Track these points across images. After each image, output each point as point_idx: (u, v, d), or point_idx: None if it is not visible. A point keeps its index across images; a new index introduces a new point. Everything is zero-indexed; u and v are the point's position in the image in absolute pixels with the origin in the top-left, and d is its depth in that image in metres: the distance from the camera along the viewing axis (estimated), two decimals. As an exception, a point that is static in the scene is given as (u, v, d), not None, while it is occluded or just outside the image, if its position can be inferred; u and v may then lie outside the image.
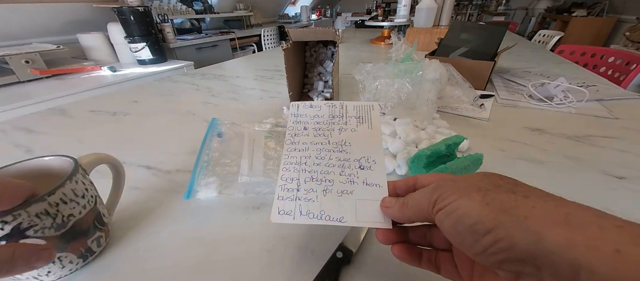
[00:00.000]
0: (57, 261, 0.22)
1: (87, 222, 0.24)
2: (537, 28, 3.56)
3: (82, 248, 0.24)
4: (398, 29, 1.46)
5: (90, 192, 0.25)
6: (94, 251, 0.26)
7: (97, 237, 0.25)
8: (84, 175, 0.25)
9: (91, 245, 0.25)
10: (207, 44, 2.32)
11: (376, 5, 2.62)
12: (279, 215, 0.22)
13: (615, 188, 0.34)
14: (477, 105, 0.53)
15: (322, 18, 4.30)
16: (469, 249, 0.15)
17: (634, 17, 2.72)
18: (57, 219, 0.21)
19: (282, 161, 0.25)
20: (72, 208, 0.23)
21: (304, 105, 0.29)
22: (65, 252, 0.23)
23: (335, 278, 0.24)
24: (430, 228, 0.21)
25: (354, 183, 0.23)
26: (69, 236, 0.23)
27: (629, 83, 1.01)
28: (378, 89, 0.47)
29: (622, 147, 0.42)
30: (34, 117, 0.62)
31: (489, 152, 0.39)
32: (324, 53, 0.68)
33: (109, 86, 1.35)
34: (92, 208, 0.25)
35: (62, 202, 0.22)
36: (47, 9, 1.56)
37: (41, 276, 0.23)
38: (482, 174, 0.17)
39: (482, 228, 0.13)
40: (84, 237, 0.24)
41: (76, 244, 0.23)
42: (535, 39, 1.83)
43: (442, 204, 0.16)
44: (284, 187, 0.23)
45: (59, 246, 0.22)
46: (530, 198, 0.14)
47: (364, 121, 0.27)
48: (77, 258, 0.24)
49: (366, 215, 0.21)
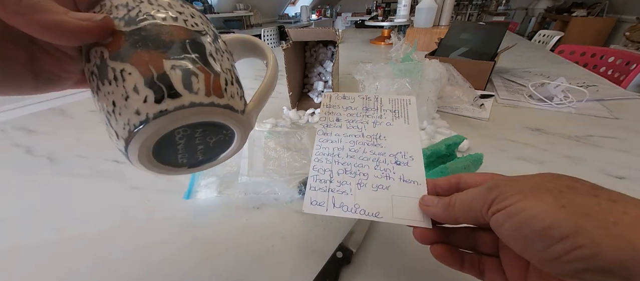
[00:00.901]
0: (120, 76, 0.13)
1: (171, 35, 0.14)
2: (537, 28, 3.56)
3: (155, 68, 0.13)
4: (398, 29, 1.46)
5: (200, 21, 0.17)
6: (177, 92, 0.13)
7: (185, 68, 0.14)
8: (216, 37, 0.17)
9: (171, 72, 0.14)
10: (207, 44, 2.32)
11: (376, 5, 2.63)
12: (311, 205, 0.21)
13: (615, 188, 0.34)
14: (477, 105, 0.53)
15: (322, 18, 4.30)
16: (535, 255, 0.13)
17: (634, 17, 2.72)
18: (131, 12, 0.14)
19: (314, 151, 0.25)
20: (157, 11, 0.15)
21: (337, 96, 0.29)
22: (128, 63, 0.13)
23: (335, 278, 0.24)
24: (474, 231, 0.20)
25: (390, 178, 0.22)
26: (137, 38, 0.14)
27: (629, 83, 1.01)
28: (378, 89, 0.47)
29: (622, 147, 0.42)
30: (34, 117, 0.62)
31: (489, 152, 0.39)
32: (324, 53, 0.68)
33: (109, 86, 1.34)
34: (184, 28, 0.15)
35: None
36: (47, 9, 1.56)
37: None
38: (549, 174, 0.15)
39: (558, 233, 0.12)
40: (160, 50, 0.14)
41: (147, 55, 0.13)
42: (535, 39, 1.83)
43: (502, 205, 0.14)
44: (316, 178, 0.23)
45: (122, 51, 0.13)
46: (618, 203, 0.12)
47: (400, 115, 0.27)
48: (145, 83, 0.13)
49: (403, 212, 0.20)
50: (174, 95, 0.13)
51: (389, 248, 0.27)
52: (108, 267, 0.26)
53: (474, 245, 0.20)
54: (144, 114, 0.13)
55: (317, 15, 4.27)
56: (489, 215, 0.15)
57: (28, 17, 0.11)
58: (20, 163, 0.43)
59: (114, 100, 0.13)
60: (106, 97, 0.14)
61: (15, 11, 0.11)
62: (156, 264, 0.26)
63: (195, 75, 0.14)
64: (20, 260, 0.27)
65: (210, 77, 0.15)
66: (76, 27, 0.12)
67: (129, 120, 0.13)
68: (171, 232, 0.30)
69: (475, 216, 0.16)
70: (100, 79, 0.14)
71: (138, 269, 0.26)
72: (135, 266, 0.26)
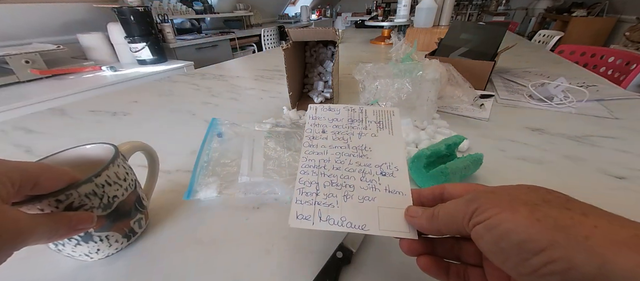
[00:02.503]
0: (105, 239, 0.25)
1: (129, 204, 0.26)
2: (537, 28, 3.56)
3: (126, 228, 0.26)
4: (398, 29, 1.46)
5: (131, 176, 0.27)
6: (136, 232, 0.28)
7: (138, 219, 0.28)
8: (124, 161, 0.27)
9: (134, 225, 0.27)
10: (207, 44, 2.32)
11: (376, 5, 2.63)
12: (297, 219, 0.21)
13: (615, 188, 0.34)
14: (477, 105, 0.53)
15: (322, 18, 4.30)
16: (513, 268, 0.14)
17: (634, 17, 2.72)
18: (103, 200, 0.23)
19: (300, 164, 0.25)
20: (116, 190, 0.24)
21: (322, 108, 0.29)
22: (111, 231, 0.25)
23: (335, 278, 0.24)
24: (459, 241, 0.20)
25: (376, 189, 0.22)
26: (114, 216, 0.25)
27: (629, 83, 1.01)
28: (378, 89, 0.47)
29: (622, 147, 0.42)
30: (34, 117, 0.62)
31: (489, 152, 0.39)
32: (324, 53, 0.68)
33: (109, 86, 1.35)
34: (133, 191, 0.27)
35: (107, 183, 0.23)
36: (47, 9, 1.56)
37: (92, 253, 0.25)
38: (526, 186, 0.15)
39: (533, 247, 0.12)
40: (127, 218, 0.26)
41: (120, 224, 0.26)
42: (535, 39, 1.83)
43: (481, 217, 0.15)
44: (302, 191, 0.22)
45: (106, 226, 0.24)
46: (590, 217, 0.13)
47: (384, 126, 0.27)
48: (122, 237, 0.26)
49: (390, 224, 0.20)
50: (135, 234, 0.28)
51: (389, 248, 0.27)
52: (112, 262, 0.26)
53: (459, 255, 0.20)
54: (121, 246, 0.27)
55: (317, 15, 4.26)
56: (469, 227, 0.15)
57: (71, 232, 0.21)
58: (20, 163, 0.43)
59: (98, 248, 0.25)
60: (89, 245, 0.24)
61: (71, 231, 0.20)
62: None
63: (143, 218, 0.29)
64: (20, 261, 0.27)
65: (146, 210, 0.30)
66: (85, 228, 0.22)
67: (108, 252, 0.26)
68: (171, 232, 0.30)
69: (458, 228, 0.16)
70: (85, 240, 0.24)
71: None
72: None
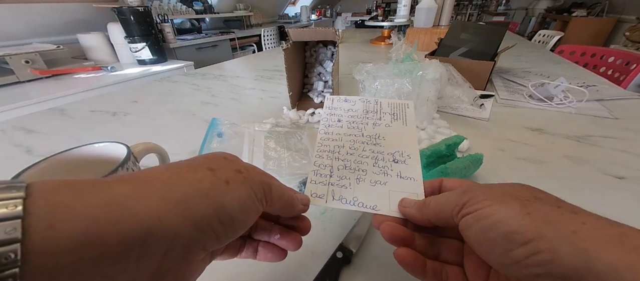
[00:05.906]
0: None
1: None
2: (537, 28, 3.56)
3: None
4: (398, 29, 1.46)
5: None
6: None
7: None
8: (135, 162, 0.27)
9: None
10: (207, 44, 2.32)
11: (376, 5, 2.63)
12: (311, 196, 0.22)
13: (615, 188, 0.34)
14: (477, 105, 0.53)
15: (322, 18, 4.29)
16: (497, 258, 0.14)
17: (634, 17, 2.72)
18: None
19: (316, 148, 0.26)
20: None
21: (339, 99, 0.30)
22: None
23: (335, 278, 0.24)
24: (438, 238, 0.20)
25: (388, 175, 0.23)
26: None
27: (629, 83, 1.01)
28: (378, 89, 0.47)
29: (622, 147, 0.42)
30: (34, 117, 0.62)
31: (489, 152, 0.39)
32: (324, 53, 0.68)
33: (109, 86, 1.34)
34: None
35: None
36: (47, 9, 1.56)
37: None
38: (519, 185, 0.16)
39: (520, 238, 0.13)
40: None
41: None
42: (535, 39, 1.83)
43: (472, 208, 0.15)
44: (317, 172, 0.24)
45: None
46: (578, 215, 0.13)
47: (398, 118, 0.28)
48: None
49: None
50: None
51: (389, 248, 0.27)
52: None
53: (438, 253, 0.20)
54: None
55: (317, 15, 4.26)
56: (459, 217, 0.16)
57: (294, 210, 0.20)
58: (20, 163, 0.43)
59: None
60: None
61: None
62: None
63: None
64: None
65: None
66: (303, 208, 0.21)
67: None
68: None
69: (446, 218, 0.17)
70: None
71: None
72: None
